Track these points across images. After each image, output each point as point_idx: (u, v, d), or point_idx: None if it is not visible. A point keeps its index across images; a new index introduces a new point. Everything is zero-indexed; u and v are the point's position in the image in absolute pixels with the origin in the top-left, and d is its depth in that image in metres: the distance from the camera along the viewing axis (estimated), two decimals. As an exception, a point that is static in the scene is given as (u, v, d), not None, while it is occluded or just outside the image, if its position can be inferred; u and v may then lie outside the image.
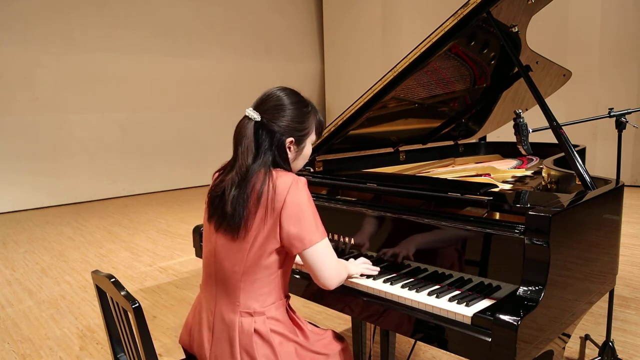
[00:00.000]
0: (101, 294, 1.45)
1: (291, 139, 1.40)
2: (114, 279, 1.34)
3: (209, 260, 1.45)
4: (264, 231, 1.33)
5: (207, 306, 1.45)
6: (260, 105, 1.39)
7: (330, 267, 1.36)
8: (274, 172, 1.35)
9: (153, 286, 3.86)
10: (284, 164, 1.40)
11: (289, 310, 1.49)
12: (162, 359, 2.67)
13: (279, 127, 1.37)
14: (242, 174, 1.33)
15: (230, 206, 1.32)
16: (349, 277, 1.56)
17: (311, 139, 1.48)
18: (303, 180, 1.36)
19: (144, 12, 8.20)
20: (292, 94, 1.43)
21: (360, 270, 1.58)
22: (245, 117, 1.39)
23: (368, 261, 1.64)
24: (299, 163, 1.49)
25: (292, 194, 1.31)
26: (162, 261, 4.52)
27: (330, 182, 1.99)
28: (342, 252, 1.81)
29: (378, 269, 1.62)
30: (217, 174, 1.46)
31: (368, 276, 1.59)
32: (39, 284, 3.98)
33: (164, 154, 8.55)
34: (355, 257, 1.69)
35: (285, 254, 1.39)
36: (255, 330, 1.36)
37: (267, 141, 1.36)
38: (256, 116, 1.37)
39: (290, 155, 1.43)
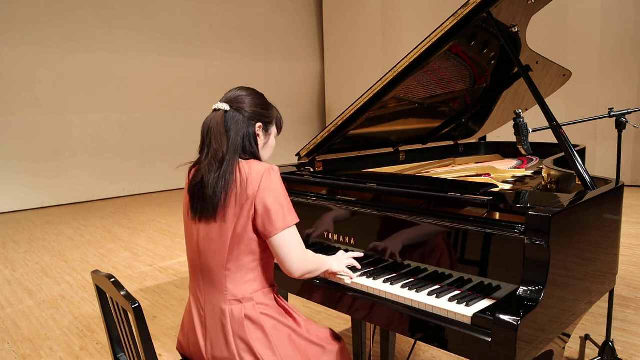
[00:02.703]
0: (101, 294, 1.45)
1: (259, 124, 1.49)
2: (113, 279, 1.34)
3: (193, 257, 1.49)
4: (242, 217, 1.38)
5: (197, 302, 1.48)
6: (226, 100, 1.48)
7: (296, 255, 1.42)
8: (245, 162, 1.41)
9: (153, 286, 3.86)
10: (254, 149, 1.47)
11: (278, 298, 1.52)
12: (162, 359, 2.67)
13: (246, 112, 1.46)
14: (218, 159, 1.39)
15: (210, 189, 1.37)
16: (332, 272, 1.60)
17: (274, 130, 1.57)
18: (276, 168, 1.42)
19: (144, 12, 8.20)
20: (253, 89, 1.53)
21: (342, 268, 1.62)
22: (214, 110, 1.48)
23: (352, 258, 1.66)
24: (267, 153, 1.56)
25: (265, 182, 1.37)
26: (162, 261, 4.52)
27: (330, 182, 1.98)
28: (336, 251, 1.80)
29: (359, 266, 1.65)
30: (193, 170, 1.49)
31: (368, 276, 1.60)
32: (39, 284, 3.98)
33: (164, 154, 8.54)
34: (346, 251, 1.73)
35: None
36: (246, 316, 1.40)
37: (236, 126, 1.44)
38: (225, 106, 1.45)
39: (260, 142, 1.50)
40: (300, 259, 1.42)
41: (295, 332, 1.46)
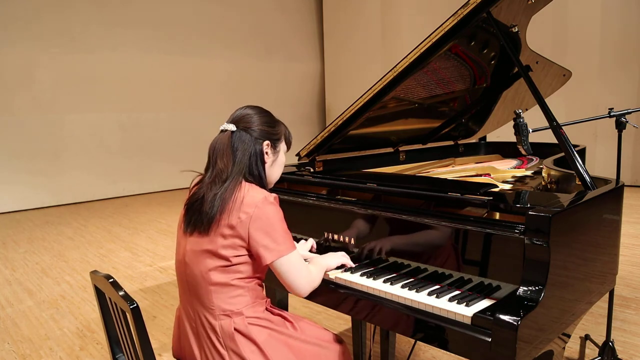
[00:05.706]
0: (100, 295, 1.45)
1: (267, 142, 1.48)
2: (112, 280, 1.33)
3: (179, 268, 1.49)
4: (228, 237, 1.37)
5: (188, 314, 1.47)
6: (233, 120, 1.48)
7: (300, 277, 1.42)
8: (246, 185, 1.40)
9: (153, 286, 3.86)
10: (260, 169, 1.46)
11: (271, 308, 1.51)
12: (162, 359, 2.67)
13: (253, 131, 1.45)
14: (222, 179, 1.39)
15: (207, 205, 1.37)
16: (329, 268, 1.64)
17: (284, 147, 1.56)
18: (274, 195, 1.42)
19: (144, 11, 8.19)
20: (260, 107, 1.53)
21: (338, 261, 1.65)
22: (221, 131, 1.47)
23: (345, 254, 1.70)
24: (276, 171, 1.55)
25: (260, 208, 1.36)
26: (162, 261, 4.52)
27: (330, 182, 1.98)
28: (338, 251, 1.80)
29: (352, 265, 1.68)
30: (195, 187, 1.48)
31: (368, 276, 1.59)
32: (39, 284, 3.97)
33: (164, 154, 8.54)
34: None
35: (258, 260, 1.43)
36: (236, 330, 1.38)
37: (243, 145, 1.44)
38: (232, 127, 1.45)
39: (267, 160, 1.49)
40: (304, 281, 1.43)
41: (292, 337, 1.45)
